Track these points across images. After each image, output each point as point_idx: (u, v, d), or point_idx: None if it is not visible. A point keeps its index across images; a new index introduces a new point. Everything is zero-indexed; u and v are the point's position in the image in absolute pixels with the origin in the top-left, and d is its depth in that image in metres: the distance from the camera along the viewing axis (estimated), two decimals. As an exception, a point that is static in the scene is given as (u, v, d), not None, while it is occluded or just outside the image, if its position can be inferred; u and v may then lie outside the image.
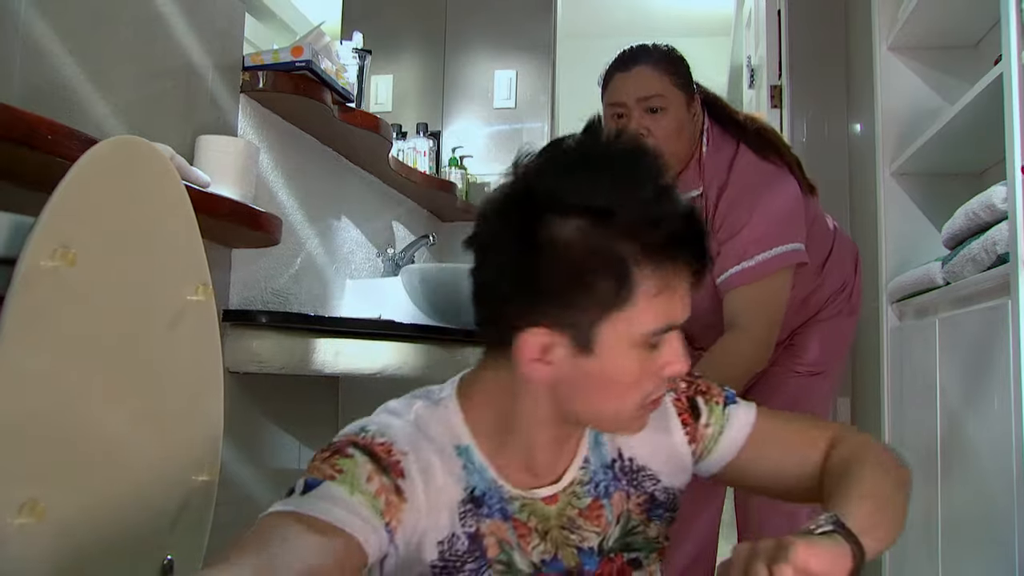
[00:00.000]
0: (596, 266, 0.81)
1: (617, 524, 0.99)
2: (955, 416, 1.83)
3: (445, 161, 3.06)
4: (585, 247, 0.81)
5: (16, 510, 0.84)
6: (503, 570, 0.91)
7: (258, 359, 1.66)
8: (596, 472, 0.99)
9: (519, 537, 0.93)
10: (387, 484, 0.84)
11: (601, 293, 0.82)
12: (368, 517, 0.81)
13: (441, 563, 0.88)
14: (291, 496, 0.82)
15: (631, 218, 0.81)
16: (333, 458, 0.84)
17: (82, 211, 0.93)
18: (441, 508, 0.88)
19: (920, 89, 2.33)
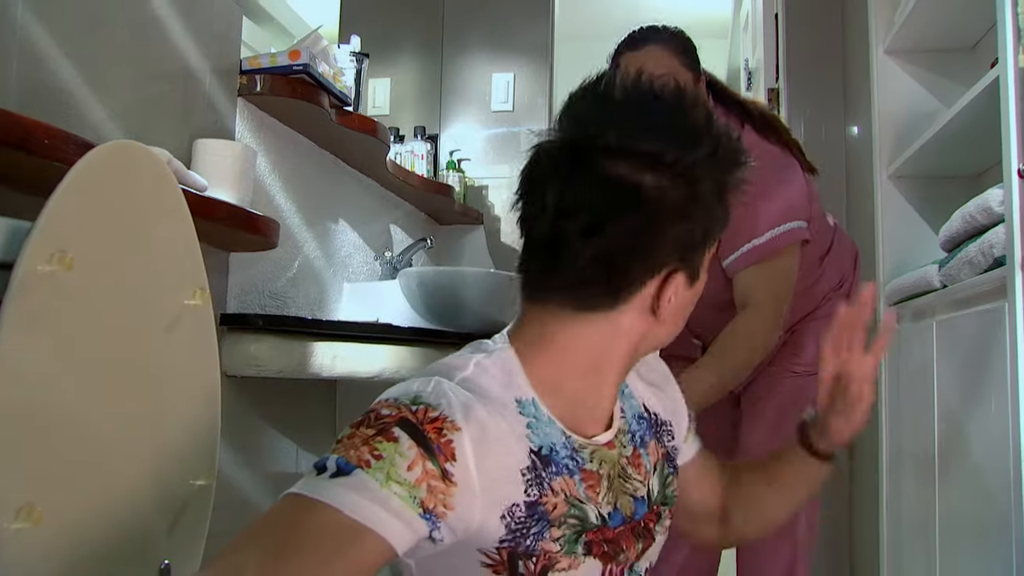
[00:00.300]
0: (704, 203, 0.89)
1: (654, 473, 1.02)
2: (952, 418, 1.83)
3: (443, 164, 3.06)
4: (698, 189, 0.88)
5: (13, 515, 0.83)
6: (576, 525, 0.89)
7: (255, 363, 1.66)
8: (631, 422, 1.02)
9: (587, 488, 0.91)
10: (433, 470, 0.79)
11: (709, 228, 0.91)
12: (400, 509, 0.77)
13: (509, 535, 0.85)
14: (321, 475, 0.78)
15: (719, 161, 0.90)
16: (375, 439, 0.79)
17: (79, 216, 0.93)
18: (502, 480, 0.85)
19: (917, 92, 2.33)
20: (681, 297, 0.92)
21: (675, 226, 0.87)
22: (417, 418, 0.80)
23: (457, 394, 0.84)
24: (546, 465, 0.88)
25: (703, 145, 0.88)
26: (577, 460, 0.91)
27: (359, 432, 0.80)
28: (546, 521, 0.87)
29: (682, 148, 0.86)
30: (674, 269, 0.89)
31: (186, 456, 1.16)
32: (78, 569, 0.94)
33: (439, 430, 0.80)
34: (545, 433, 0.89)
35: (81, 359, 0.95)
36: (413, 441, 0.79)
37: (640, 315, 0.91)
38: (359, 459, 0.78)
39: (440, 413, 0.81)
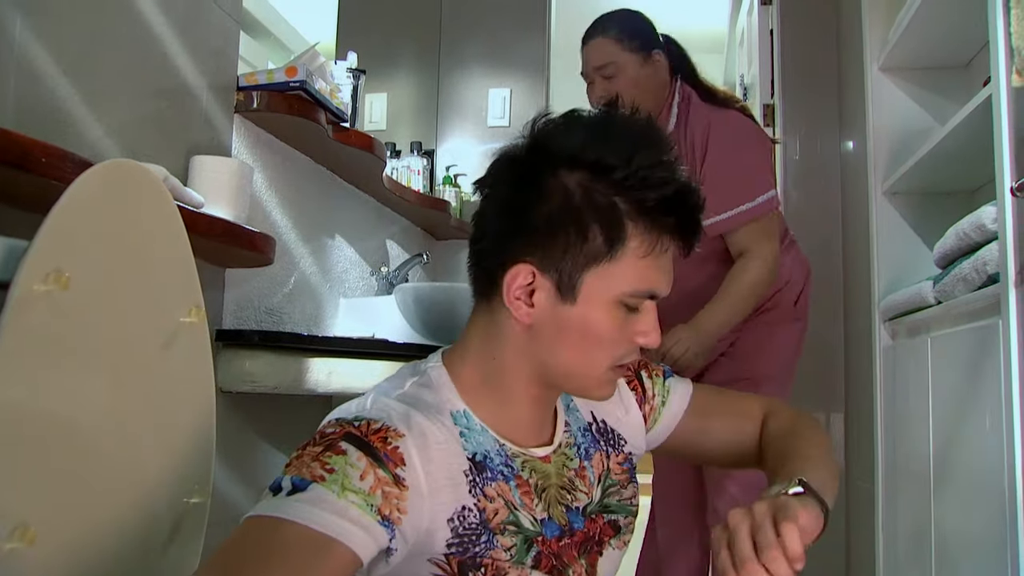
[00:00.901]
0: (592, 214, 0.88)
1: (598, 485, 1.03)
2: (947, 434, 1.83)
3: (439, 179, 3.07)
4: (584, 195, 0.88)
5: (7, 535, 0.83)
6: (514, 531, 0.91)
7: (251, 379, 1.66)
8: (576, 435, 1.04)
9: (523, 495, 0.94)
10: (384, 477, 0.82)
11: (592, 240, 0.88)
12: (358, 518, 0.79)
13: (456, 540, 0.87)
14: (277, 496, 0.79)
15: (631, 176, 0.87)
16: (324, 455, 0.82)
17: (75, 235, 0.93)
18: (445, 485, 0.88)
19: (911, 109, 2.34)
20: (548, 306, 0.90)
21: (551, 220, 0.89)
22: (361, 431, 0.84)
23: (395, 405, 0.89)
24: (481, 471, 0.91)
25: (618, 168, 0.87)
26: (512, 467, 0.95)
27: (307, 451, 0.83)
28: (489, 530, 0.89)
29: (605, 165, 0.88)
30: (540, 265, 0.89)
31: (181, 474, 1.16)
32: (72, 589, 0.94)
33: (384, 439, 0.84)
34: (478, 441, 0.93)
35: (77, 378, 0.95)
36: (361, 452, 0.82)
37: (511, 314, 0.91)
38: (312, 474, 0.80)
39: (382, 424, 0.85)
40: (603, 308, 0.90)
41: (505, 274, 0.91)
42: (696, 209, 0.91)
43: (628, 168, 0.87)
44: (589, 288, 0.89)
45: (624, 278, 0.89)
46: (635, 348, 0.93)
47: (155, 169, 1.22)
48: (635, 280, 0.89)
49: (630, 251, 0.88)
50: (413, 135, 3.06)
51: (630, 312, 0.91)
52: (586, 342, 0.91)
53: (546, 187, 0.89)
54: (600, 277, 0.89)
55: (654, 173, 0.88)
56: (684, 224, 0.90)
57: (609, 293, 0.89)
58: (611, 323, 0.90)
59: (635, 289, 0.89)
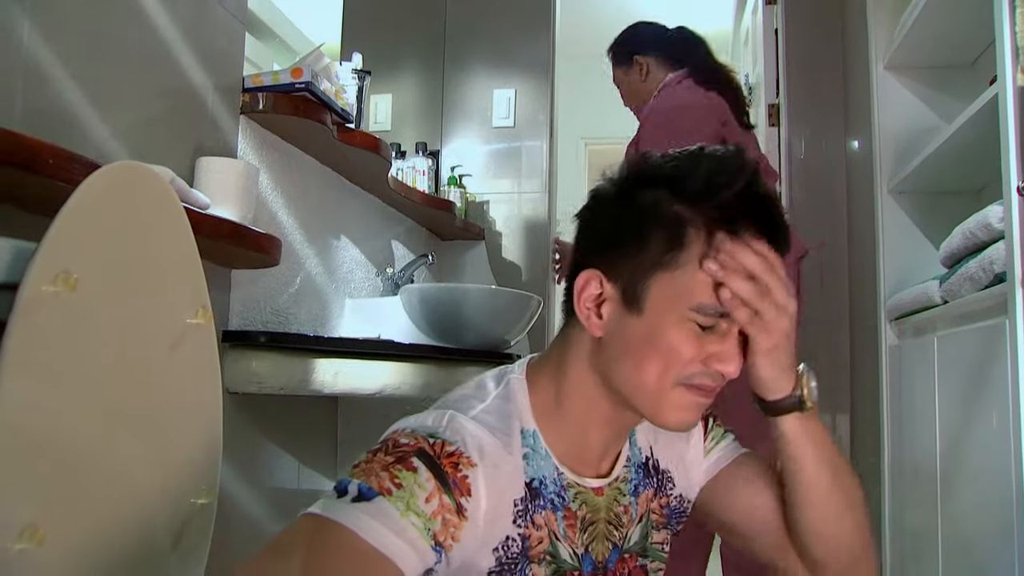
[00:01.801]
0: (655, 221, 0.88)
1: (638, 524, 1.01)
2: (954, 434, 1.83)
3: (444, 180, 3.07)
4: (652, 204, 0.89)
5: (16, 535, 0.83)
6: (550, 561, 0.91)
7: (257, 379, 1.66)
8: (632, 470, 1.02)
9: (567, 527, 0.93)
10: (448, 504, 0.82)
11: (655, 247, 0.87)
12: (415, 539, 0.79)
13: (497, 568, 0.87)
14: (341, 499, 0.80)
15: (698, 188, 0.87)
16: (395, 467, 0.81)
17: (83, 236, 0.94)
18: (501, 515, 0.87)
19: (917, 108, 2.34)
20: (616, 317, 0.90)
21: (616, 227, 0.91)
22: (435, 451, 0.83)
23: (472, 429, 0.87)
24: (534, 498, 0.91)
25: (688, 180, 0.88)
26: (563, 497, 0.94)
27: (378, 458, 0.83)
28: (527, 558, 0.89)
29: (673, 176, 0.89)
30: (607, 272, 0.90)
31: (188, 475, 1.16)
32: (81, 589, 0.94)
33: (455, 464, 0.83)
34: (539, 466, 0.92)
35: (85, 379, 0.96)
36: (431, 473, 0.82)
37: (583, 327, 0.92)
38: (380, 486, 0.80)
39: (456, 448, 0.84)
40: (670, 321, 0.87)
41: (576, 281, 0.92)
42: (774, 223, 0.89)
43: (697, 182, 0.87)
44: (655, 298, 0.87)
45: (690, 289, 0.86)
46: (708, 372, 0.88)
47: (161, 171, 1.23)
48: (702, 292, 0.86)
49: (694, 260, 0.86)
50: (418, 136, 3.07)
51: (705, 331, 0.87)
52: (652, 355, 0.87)
53: (620, 199, 0.92)
54: (665, 286, 0.87)
55: (724, 188, 0.87)
56: (759, 233, 0.88)
57: (676, 304, 0.86)
58: (680, 338, 0.87)
59: (703, 303, 0.86)
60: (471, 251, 3.14)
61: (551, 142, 3.21)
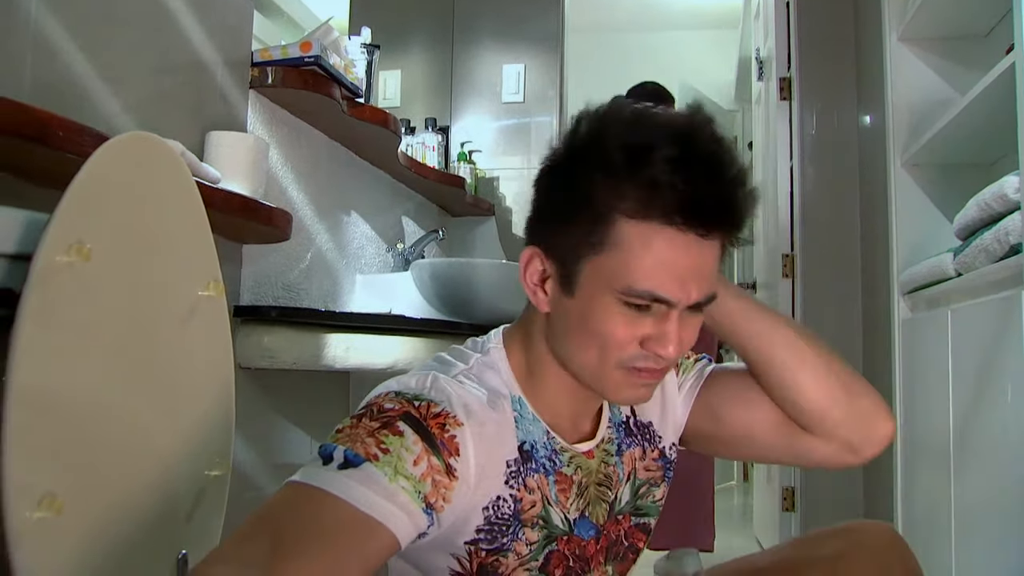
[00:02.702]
0: (578, 198, 0.84)
1: (627, 483, 1.00)
2: (968, 408, 1.82)
3: (454, 156, 3.06)
4: (572, 178, 0.85)
5: (35, 504, 0.84)
6: (541, 526, 0.90)
7: (269, 354, 1.66)
8: (614, 430, 1.01)
9: (559, 492, 0.92)
10: (437, 465, 0.80)
11: (580, 228, 0.83)
12: (406, 503, 0.78)
13: (487, 527, 0.87)
14: (327, 466, 0.78)
15: (619, 158, 0.81)
16: (381, 432, 0.80)
17: (96, 207, 0.94)
18: (491, 475, 0.86)
19: (931, 80, 2.31)
20: (556, 296, 0.88)
21: (553, 203, 0.88)
22: (421, 413, 0.82)
23: (456, 389, 0.86)
24: (526, 461, 0.90)
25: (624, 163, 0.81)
26: (555, 462, 0.93)
27: (363, 424, 0.81)
28: (519, 521, 0.89)
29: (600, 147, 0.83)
30: (545, 249, 0.88)
31: (201, 447, 1.16)
32: (99, 559, 0.95)
33: (442, 425, 0.82)
34: (529, 430, 0.91)
35: (99, 349, 0.96)
36: (418, 436, 0.80)
37: (537, 294, 0.90)
38: (367, 452, 0.78)
39: (442, 409, 0.83)
40: (602, 304, 0.84)
41: (521, 258, 0.90)
42: (705, 194, 0.81)
43: (617, 147, 0.82)
44: (586, 280, 0.85)
45: (619, 273, 0.82)
46: (647, 356, 0.85)
47: (172, 144, 1.22)
48: (632, 277, 0.82)
49: (625, 245, 0.82)
50: (427, 112, 3.06)
51: (640, 313, 0.84)
52: (588, 337, 0.86)
53: (553, 172, 0.88)
54: (595, 269, 0.84)
55: (642, 152, 0.81)
56: (689, 214, 0.81)
57: (606, 287, 0.83)
58: (612, 321, 0.84)
59: (631, 287, 0.82)
60: (481, 227, 3.14)
61: (561, 117, 3.19)
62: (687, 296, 0.83)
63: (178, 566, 1.10)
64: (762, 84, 3.61)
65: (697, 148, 0.81)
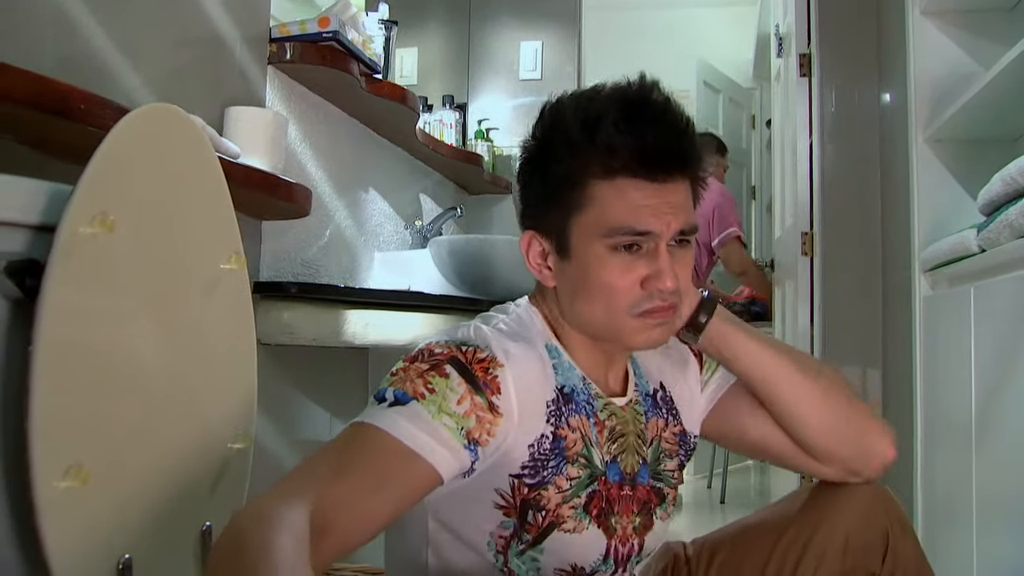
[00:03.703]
0: (554, 172, 0.94)
1: (650, 447, 1.06)
2: (990, 388, 1.81)
3: (471, 134, 3.05)
4: (546, 156, 0.95)
5: (62, 474, 0.85)
6: (584, 464, 0.97)
7: (289, 330, 1.67)
8: (640, 396, 1.07)
9: (598, 433, 0.99)
10: (480, 403, 0.88)
11: (562, 196, 0.93)
12: (447, 440, 0.85)
13: (531, 462, 0.93)
14: (380, 405, 0.86)
15: (577, 129, 0.92)
16: (429, 373, 0.88)
17: (119, 178, 0.94)
18: (533, 413, 0.93)
19: (954, 54, 2.28)
20: (558, 267, 0.96)
21: (536, 187, 0.97)
22: (466, 358, 0.90)
23: (497, 336, 0.94)
24: (567, 402, 0.97)
25: (577, 129, 0.92)
26: (592, 405, 1.00)
27: (413, 367, 0.89)
28: (563, 456, 0.95)
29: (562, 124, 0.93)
30: (540, 229, 0.97)
31: (225, 419, 1.17)
32: (125, 529, 0.95)
33: (485, 369, 0.90)
34: (567, 376, 0.99)
35: (123, 320, 0.96)
36: (462, 378, 0.88)
37: (542, 272, 0.99)
38: (414, 391, 0.86)
39: (487, 354, 0.91)
40: (595, 256, 0.93)
41: (521, 243, 0.99)
42: (645, 141, 0.91)
43: (575, 121, 0.92)
44: (576, 239, 0.93)
45: (600, 221, 0.92)
46: (649, 294, 0.93)
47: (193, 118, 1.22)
48: (611, 219, 0.91)
49: (598, 198, 0.92)
50: (444, 89, 3.05)
51: (630, 254, 0.92)
52: (593, 293, 0.94)
53: (530, 158, 0.97)
54: (582, 227, 0.93)
55: (594, 121, 0.91)
56: (641, 161, 0.91)
57: (594, 239, 0.92)
58: (608, 269, 0.92)
59: (612, 227, 0.91)
60: (499, 205, 3.13)
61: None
62: (667, 226, 0.92)
63: (202, 537, 1.11)
64: (781, 61, 3.57)
65: (642, 109, 0.92)
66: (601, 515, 0.98)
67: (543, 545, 0.95)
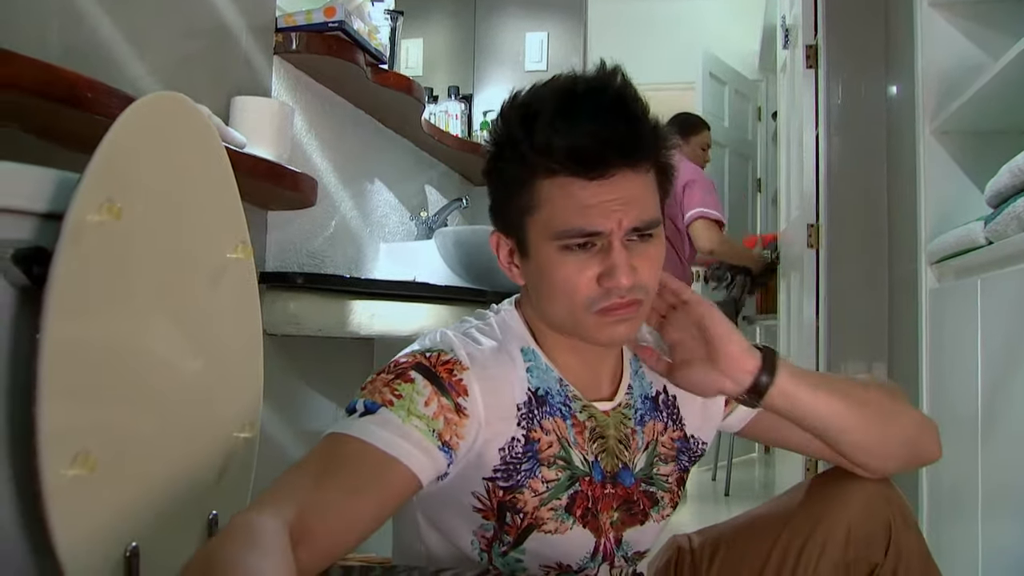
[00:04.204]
0: (506, 174, 0.95)
1: (643, 451, 1.05)
2: (997, 379, 1.80)
3: (476, 125, 3.04)
4: (497, 159, 0.96)
5: (69, 461, 0.85)
6: (563, 466, 0.97)
7: (295, 321, 1.67)
8: (636, 399, 1.06)
9: (576, 434, 0.99)
10: (447, 404, 0.89)
11: (516, 198, 0.93)
12: (420, 441, 0.86)
13: (503, 466, 0.95)
14: (351, 416, 0.88)
15: (520, 130, 0.91)
16: (395, 382, 0.89)
17: (126, 166, 0.93)
18: (502, 416, 0.94)
19: (962, 45, 2.26)
20: (521, 266, 0.97)
21: (495, 191, 0.98)
22: (431, 362, 0.92)
23: (462, 340, 0.95)
24: (540, 405, 0.98)
25: (521, 132, 0.91)
26: (569, 407, 1.00)
27: (380, 377, 0.91)
28: (536, 460, 0.96)
29: (506, 124, 0.94)
30: (504, 230, 0.98)
31: (231, 408, 1.17)
32: (132, 517, 0.95)
33: (450, 371, 0.91)
34: (543, 378, 0.99)
35: (131, 308, 0.96)
36: (427, 381, 0.90)
37: (511, 271, 1.00)
38: (383, 399, 0.88)
39: (450, 357, 0.92)
40: (549, 255, 0.92)
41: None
42: (584, 135, 0.89)
43: (516, 121, 0.92)
44: (532, 239, 0.94)
45: (550, 222, 0.91)
46: (605, 291, 0.92)
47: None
48: (560, 220, 0.90)
49: (546, 199, 0.91)
50: (449, 81, 3.04)
51: (583, 252, 0.91)
52: (552, 291, 0.94)
53: (493, 167, 0.97)
54: (535, 227, 0.93)
55: (533, 119, 0.90)
56: (578, 158, 0.89)
57: (547, 239, 0.92)
58: (563, 268, 0.92)
59: (562, 229, 0.90)
60: (504, 196, 3.11)
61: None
62: (617, 224, 0.90)
63: (209, 526, 1.11)
64: (788, 52, 3.56)
65: (580, 103, 0.90)
66: (587, 515, 0.99)
67: (524, 546, 0.97)
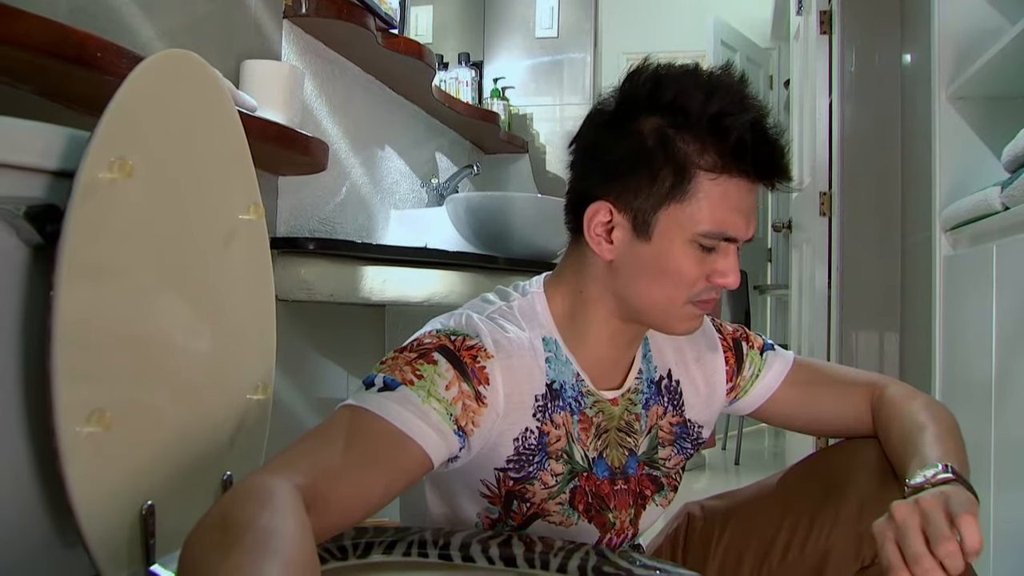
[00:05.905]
0: (663, 156, 0.92)
1: (646, 435, 1.07)
2: (1012, 349, 1.79)
3: (487, 93, 3.03)
4: (657, 138, 0.92)
5: (84, 419, 0.85)
6: (565, 460, 0.98)
7: (307, 286, 1.66)
8: (644, 383, 1.07)
9: (581, 430, 1.00)
10: (467, 391, 0.89)
11: (663, 182, 0.92)
12: (437, 423, 0.85)
13: (516, 456, 0.95)
14: (370, 390, 0.87)
15: (703, 121, 0.90)
16: (418, 361, 0.88)
17: (137, 123, 0.93)
18: (518, 407, 0.94)
19: (979, 7, 2.23)
20: (626, 243, 0.94)
21: (626, 161, 0.93)
22: (455, 345, 0.90)
23: (489, 326, 0.94)
24: (554, 398, 0.98)
25: (692, 113, 0.91)
26: (580, 403, 1.00)
27: (402, 355, 0.90)
28: (546, 452, 0.97)
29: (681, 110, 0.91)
30: (616, 204, 0.94)
31: (245, 369, 1.17)
32: (147, 476, 0.96)
33: (474, 357, 0.90)
34: (560, 371, 0.99)
35: (144, 267, 0.96)
36: (450, 364, 0.89)
37: (595, 252, 0.97)
38: (403, 377, 0.87)
39: (476, 343, 0.91)
40: (677, 246, 0.93)
41: (585, 211, 0.96)
42: (773, 151, 0.93)
43: (702, 113, 0.90)
44: (663, 227, 0.93)
45: (696, 219, 0.91)
46: (712, 287, 0.96)
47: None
48: (709, 222, 0.92)
49: (702, 194, 0.91)
50: (460, 48, 3.01)
51: (707, 252, 0.93)
52: (662, 278, 0.94)
53: (624, 129, 0.94)
54: (673, 216, 0.92)
55: (726, 119, 0.90)
56: (760, 168, 0.93)
57: (683, 233, 0.92)
58: (686, 261, 0.93)
59: (708, 230, 0.92)
60: (515, 164, 3.11)
61: (596, 53, 3.13)
62: (749, 232, 0.95)
63: (223, 487, 1.11)
64: (801, 18, 3.52)
65: (760, 112, 0.93)
66: (591, 510, 0.99)
67: (528, 531, 0.97)
